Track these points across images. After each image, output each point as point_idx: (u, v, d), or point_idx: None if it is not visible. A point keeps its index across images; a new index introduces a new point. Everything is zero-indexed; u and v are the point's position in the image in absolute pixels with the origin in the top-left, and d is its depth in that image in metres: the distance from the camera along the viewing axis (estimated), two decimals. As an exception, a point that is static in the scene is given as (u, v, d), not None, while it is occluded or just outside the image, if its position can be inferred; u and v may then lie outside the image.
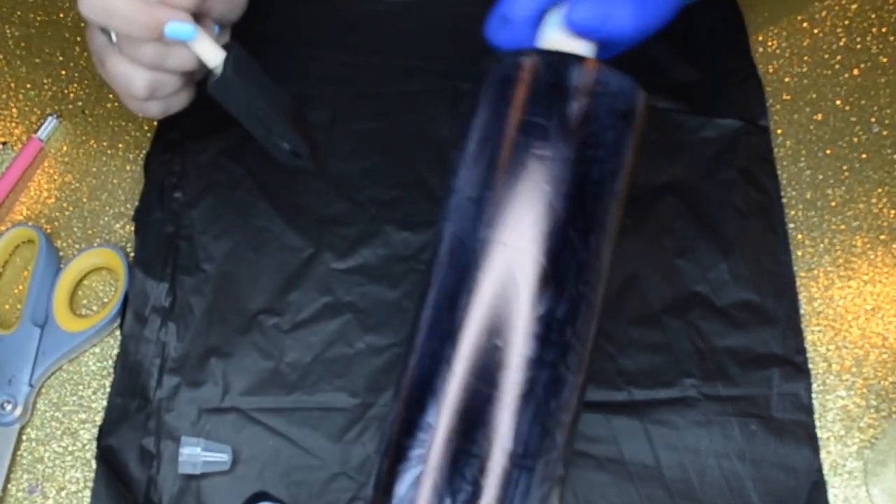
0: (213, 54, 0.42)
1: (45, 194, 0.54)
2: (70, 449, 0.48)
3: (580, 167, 0.35)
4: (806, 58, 0.57)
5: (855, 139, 0.55)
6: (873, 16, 0.58)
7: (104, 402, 0.49)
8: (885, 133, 0.55)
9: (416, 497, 0.34)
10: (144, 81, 0.42)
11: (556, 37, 0.40)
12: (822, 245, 0.52)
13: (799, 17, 0.58)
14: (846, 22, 0.58)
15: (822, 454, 0.47)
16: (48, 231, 0.53)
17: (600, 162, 0.36)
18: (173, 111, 0.46)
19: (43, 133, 0.55)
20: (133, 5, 0.39)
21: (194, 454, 0.46)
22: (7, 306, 0.52)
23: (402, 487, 0.34)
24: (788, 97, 0.56)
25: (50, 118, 0.55)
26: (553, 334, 0.35)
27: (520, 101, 0.36)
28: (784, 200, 0.52)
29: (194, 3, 0.41)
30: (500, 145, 0.36)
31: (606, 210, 0.36)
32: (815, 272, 0.51)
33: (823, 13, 0.58)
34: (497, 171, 0.36)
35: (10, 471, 0.47)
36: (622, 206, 0.37)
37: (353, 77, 0.56)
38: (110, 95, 0.57)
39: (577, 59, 0.37)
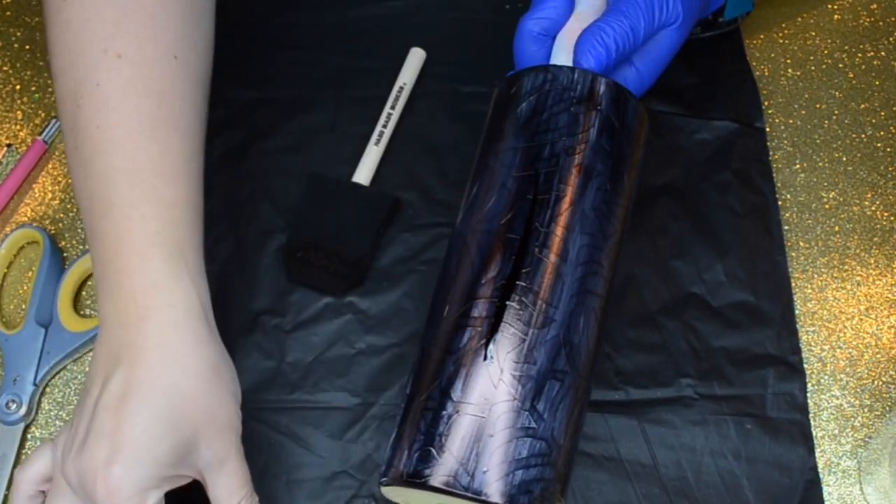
0: None
1: (50, 196, 0.55)
2: (74, 448, 0.49)
3: (530, 151, 0.40)
4: (801, 61, 0.57)
5: (849, 142, 0.55)
6: (868, 19, 0.59)
7: (108, 402, 0.49)
8: (878, 135, 0.55)
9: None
10: None
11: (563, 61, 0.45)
12: (816, 247, 0.53)
13: (793, 21, 0.59)
14: (840, 25, 0.58)
15: (817, 453, 0.47)
16: (52, 232, 0.53)
17: (552, 143, 0.40)
18: None
19: (47, 135, 0.55)
20: None
21: (197, 453, 0.46)
22: (12, 307, 0.52)
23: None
24: (783, 100, 0.56)
25: (54, 120, 0.55)
26: (512, 295, 0.38)
27: (489, 119, 0.44)
28: (779, 202, 0.53)
29: None
30: (476, 159, 0.43)
31: (563, 180, 0.40)
32: (810, 273, 0.52)
33: (817, 17, 0.59)
34: (473, 179, 0.42)
35: (14, 469, 0.48)
36: (593, 175, 0.40)
37: (354, 80, 0.56)
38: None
39: (531, 70, 0.42)
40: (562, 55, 0.44)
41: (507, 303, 0.38)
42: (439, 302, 0.40)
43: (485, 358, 0.37)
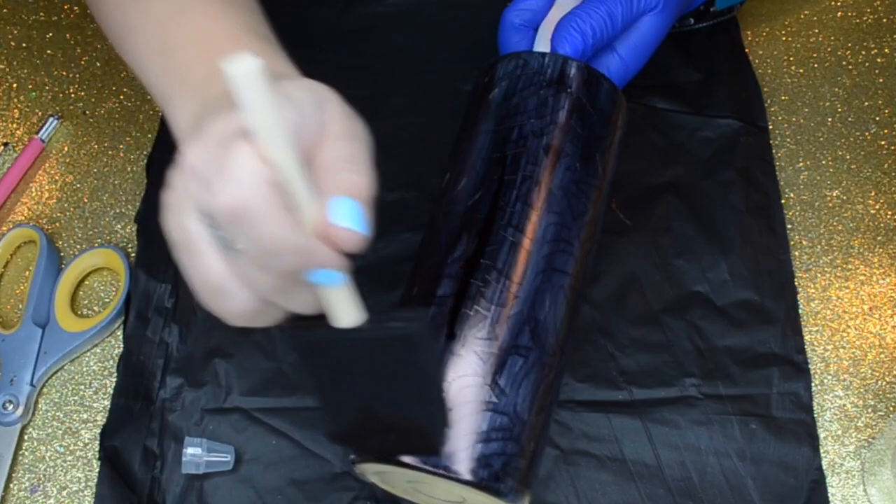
0: (348, 312, 0.33)
1: (47, 195, 0.54)
2: (71, 448, 0.48)
3: (499, 134, 0.42)
4: (804, 58, 0.57)
5: (852, 140, 0.55)
6: (871, 16, 0.58)
7: (105, 402, 0.49)
8: (882, 133, 0.55)
9: None
10: (246, 307, 0.32)
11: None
12: (819, 246, 0.52)
13: (796, 18, 0.59)
14: (843, 22, 0.58)
15: (820, 453, 0.47)
16: (49, 231, 0.53)
17: (520, 125, 0.42)
18: (254, 325, 0.34)
19: (44, 134, 0.55)
20: (284, 227, 0.29)
21: (197, 454, 0.46)
22: (9, 307, 0.52)
23: None
24: (786, 98, 0.56)
25: (51, 119, 0.55)
26: (476, 273, 0.39)
27: (466, 107, 0.45)
28: (782, 201, 0.53)
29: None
30: (452, 146, 0.44)
31: (530, 160, 0.41)
32: (813, 272, 0.52)
33: (820, 14, 0.59)
34: (448, 164, 0.44)
35: (11, 470, 0.47)
36: (561, 156, 0.41)
37: (355, 79, 0.56)
38: (111, 96, 0.57)
39: (505, 57, 0.44)
40: (543, 45, 0.45)
41: (471, 280, 0.38)
42: (409, 283, 0.41)
43: (448, 336, 0.38)
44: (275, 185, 0.29)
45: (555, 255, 0.40)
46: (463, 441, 0.36)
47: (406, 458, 0.36)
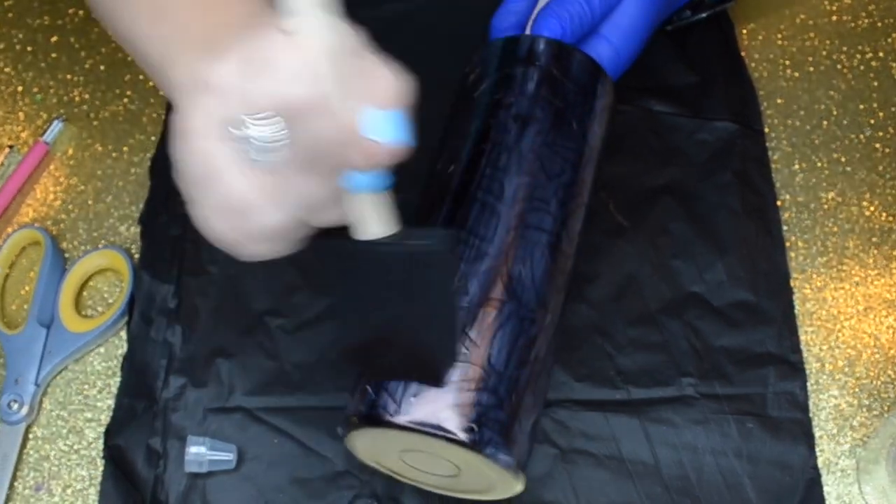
0: (379, 221, 0.33)
1: (51, 197, 0.55)
2: (76, 447, 0.49)
3: (474, 113, 0.44)
4: (799, 62, 0.58)
5: (847, 142, 0.55)
6: (866, 20, 0.59)
7: (109, 401, 0.49)
8: (877, 136, 0.56)
9: None
10: (271, 223, 0.31)
11: None
12: (815, 247, 0.53)
13: (792, 22, 0.59)
14: (839, 26, 0.59)
15: (816, 452, 0.48)
16: (54, 233, 0.53)
17: (492, 102, 0.44)
18: (269, 258, 0.34)
19: (49, 136, 0.55)
20: (343, 118, 0.29)
21: (200, 453, 0.46)
22: (14, 307, 0.52)
23: None
24: (782, 101, 0.57)
25: (56, 121, 0.56)
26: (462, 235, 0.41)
27: (453, 98, 0.47)
28: (778, 203, 0.53)
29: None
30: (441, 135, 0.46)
31: (500, 129, 0.43)
32: (809, 273, 0.52)
33: (816, 18, 0.59)
34: (437, 151, 0.45)
35: (16, 469, 0.48)
36: (530, 122, 0.43)
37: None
38: (115, 99, 0.57)
39: (485, 45, 0.46)
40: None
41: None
42: None
43: None
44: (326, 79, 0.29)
45: (529, 214, 0.41)
46: (430, 394, 0.37)
47: (370, 417, 0.37)
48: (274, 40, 0.29)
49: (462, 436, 0.37)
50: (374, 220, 0.33)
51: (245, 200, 0.31)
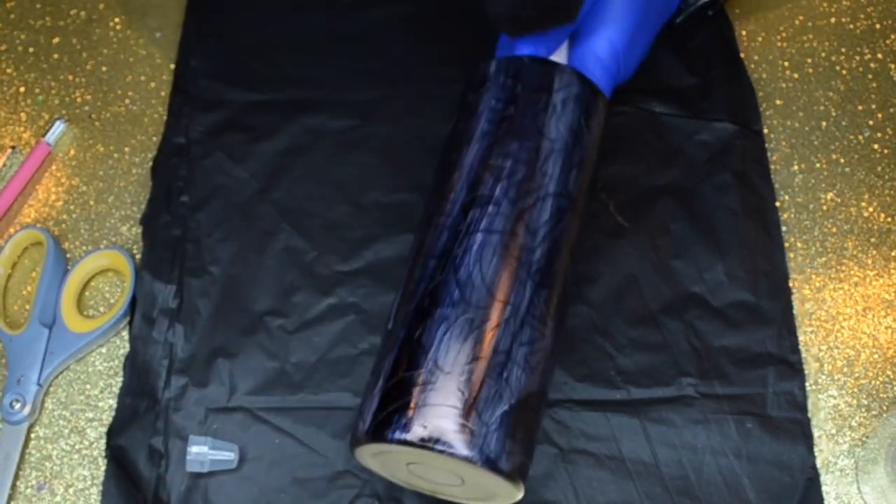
0: None
1: (53, 197, 0.55)
2: (77, 447, 0.49)
3: (448, 141, 0.46)
4: (798, 63, 0.58)
5: (846, 143, 0.56)
6: (865, 22, 0.59)
7: (111, 401, 0.49)
8: (876, 137, 0.56)
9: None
10: None
11: None
12: (814, 248, 0.53)
13: (791, 24, 0.59)
14: (838, 28, 0.59)
15: (815, 452, 0.48)
16: (56, 233, 0.53)
17: (452, 129, 0.46)
18: None
19: (51, 137, 0.55)
20: None
21: (202, 453, 0.46)
22: (16, 307, 0.52)
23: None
24: (781, 102, 0.57)
25: (58, 122, 0.56)
26: (410, 268, 0.43)
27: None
28: (777, 204, 0.54)
29: None
30: None
31: (450, 147, 0.45)
32: (808, 274, 0.52)
33: (815, 19, 0.59)
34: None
35: (18, 468, 0.48)
36: (482, 134, 0.44)
37: (356, 83, 0.56)
38: (117, 100, 0.57)
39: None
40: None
41: (408, 270, 0.43)
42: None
43: (387, 322, 0.42)
44: None
45: (474, 222, 0.42)
46: (374, 398, 0.39)
47: (378, 431, 0.38)
48: None
49: (465, 451, 0.37)
50: None
51: None
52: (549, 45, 0.46)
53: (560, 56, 0.47)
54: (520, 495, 0.40)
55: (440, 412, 0.38)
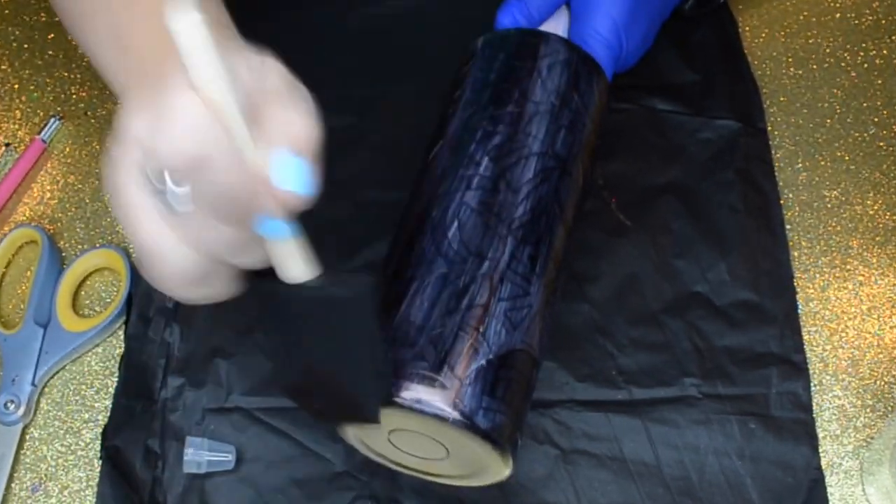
0: (296, 266, 0.33)
1: (48, 195, 0.54)
2: (73, 448, 0.48)
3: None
4: (802, 59, 0.57)
5: (851, 140, 0.55)
6: (870, 18, 0.59)
7: (107, 402, 0.49)
8: (881, 134, 0.55)
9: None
10: (196, 269, 0.31)
11: None
12: (818, 246, 0.53)
13: (795, 20, 0.59)
14: (842, 24, 0.59)
15: (819, 453, 0.47)
16: (51, 232, 0.53)
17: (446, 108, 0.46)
18: (210, 301, 0.34)
19: (46, 134, 0.55)
20: (241, 170, 0.29)
21: (199, 454, 0.46)
22: (10, 306, 0.52)
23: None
24: (785, 99, 0.56)
25: (52, 119, 0.55)
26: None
27: None
28: (781, 202, 0.53)
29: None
30: None
31: (443, 121, 0.46)
32: (812, 273, 0.52)
33: (819, 15, 0.59)
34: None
35: (13, 470, 0.48)
36: (465, 102, 0.45)
37: (356, 80, 0.56)
38: (112, 97, 0.57)
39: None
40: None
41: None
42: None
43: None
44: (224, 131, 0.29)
45: (451, 182, 0.42)
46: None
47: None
48: (177, 94, 0.29)
49: (435, 405, 0.36)
50: (293, 265, 0.33)
51: (158, 245, 0.31)
52: (530, 16, 0.48)
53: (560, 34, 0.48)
54: (508, 469, 0.39)
55: (410, 366, 0.37)
